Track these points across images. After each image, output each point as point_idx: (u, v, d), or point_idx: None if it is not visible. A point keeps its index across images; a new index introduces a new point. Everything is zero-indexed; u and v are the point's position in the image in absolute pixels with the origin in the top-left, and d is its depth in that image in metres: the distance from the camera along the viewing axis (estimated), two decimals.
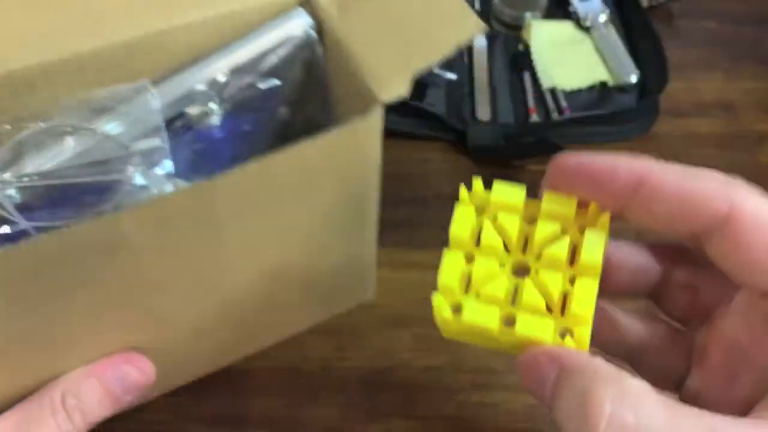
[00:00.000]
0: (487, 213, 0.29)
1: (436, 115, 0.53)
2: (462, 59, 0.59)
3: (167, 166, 0.34)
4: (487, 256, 0.28)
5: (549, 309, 0.27)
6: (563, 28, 0.62)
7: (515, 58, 0.60)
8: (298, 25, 0.36)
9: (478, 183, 0.29)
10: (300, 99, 0.40)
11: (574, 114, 0.53)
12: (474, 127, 0.54)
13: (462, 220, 0.28)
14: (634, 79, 0.56)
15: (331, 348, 0.43)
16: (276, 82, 0.37)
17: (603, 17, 0.61)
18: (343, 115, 0.36)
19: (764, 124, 0.57)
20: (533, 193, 0.30)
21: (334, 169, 0.33)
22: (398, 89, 0.31)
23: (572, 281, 0.27)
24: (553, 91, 0.57)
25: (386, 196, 0.52)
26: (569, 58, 0.59)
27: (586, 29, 0.61)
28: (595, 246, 0.27)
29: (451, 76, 0.56)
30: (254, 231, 0.34)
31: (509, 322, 0.26)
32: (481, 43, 0.60)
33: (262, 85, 0.37)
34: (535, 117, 0.55)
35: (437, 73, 0.55)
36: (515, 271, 0.28)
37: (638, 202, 0.26)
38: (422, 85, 0.54)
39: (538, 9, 0.62)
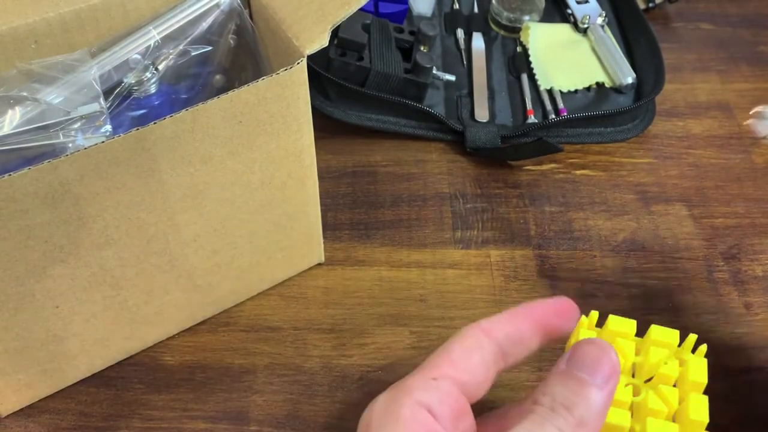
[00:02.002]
0: (603, 338, 0.32)
1: (435, 115, 0.54)
2: (461, 61, 0.60)
3: (107, 129, 0.36)
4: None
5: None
6: (560, 30, 0.62)
7: (513, 60, 0.60)
8: None
9: (594, 315, 0.33)
10: (234, 65, 0.42)
11: (571, 115, 0.54)
12: (472, 128, 0.54)
13: None
14: (630, 80, 0.57)
15: (331, 345, 0.43)
16: (207, 47, 0.40)
17: (600, 19, 0.61)
18: None
19: None
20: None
21: (264, 120, 0.35)
22: (319, 41, 0.34)
23: (680, 400, 0.31)
24: (550, 93, 0.58)
25: (386, 196, 0.52)
26: (566, 59, 0.60)
27: (583, 31, 0.62)
28: (700, 369, 0.31)
29: (450, 77, 0.57)
30: (194, 183, 0.35)
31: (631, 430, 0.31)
32: (479, 45, 0.61)
33: (194, 51, 0.39)
34: (533, 118, 0.56)
35: (436, 74, 0.56)
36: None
37: None
38: (422, 86, 0.54)
39: (536, 11, 0.63)
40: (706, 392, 0.31)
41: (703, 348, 0.33)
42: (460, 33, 0.62)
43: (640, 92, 0.57)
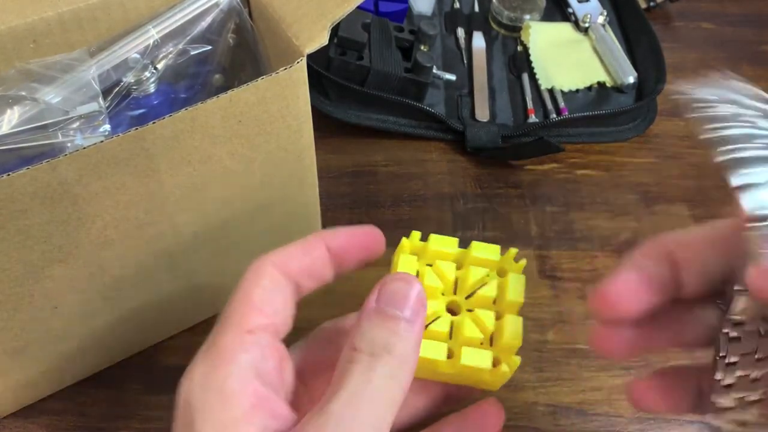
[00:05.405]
0: (424, 260, 0.33)
1: (436, 115, 0.54)
2: (461, 60, 0.60)
3: (105, 129, 0.36)
4: (430, 298, 0.31)
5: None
6: (561, 29, 0.62)
7: (514, 60, 0.60)
8: None
9: (416, 235, 0.33)
10: (233, 64, 0.41)
11: (572, 114, 0.54)
12: (473, 128, 0.54)
13: (405, 267, 0.32)
14: (631, 79, 0.57)
15: None
16: (206, 46, 0.39)
17: (601, 18, 0.61)
18: None
19: None
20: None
21: (264, 119, 0.35)
22: (319, 40, 0.34)
23: (498, 317, 0.31)
24: (551, 92, 0.57)
25: (386, 196, 0.52)
26: (567, 59, 0.59)
27: (584, 30, 0.62)
28: (517, 288, 0.32)
29: (451, 77, 0.57)
30: (193, 182, 0.35)
31: (449, 355, 0.31)
32: (480, 44, 0.61)
33: (194, 51, 0.39)
34: (533, 117, 0.55)
35: (437, 73, 0.56)
36: (448, 309, 0.32)
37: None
38: (422, 85, 0.54)
39: (537, 11, 0.62)
40: None
41: (522, 263, 0.32)
42: (461, 32, 0.62)
43: (641, 92, 0.57)
